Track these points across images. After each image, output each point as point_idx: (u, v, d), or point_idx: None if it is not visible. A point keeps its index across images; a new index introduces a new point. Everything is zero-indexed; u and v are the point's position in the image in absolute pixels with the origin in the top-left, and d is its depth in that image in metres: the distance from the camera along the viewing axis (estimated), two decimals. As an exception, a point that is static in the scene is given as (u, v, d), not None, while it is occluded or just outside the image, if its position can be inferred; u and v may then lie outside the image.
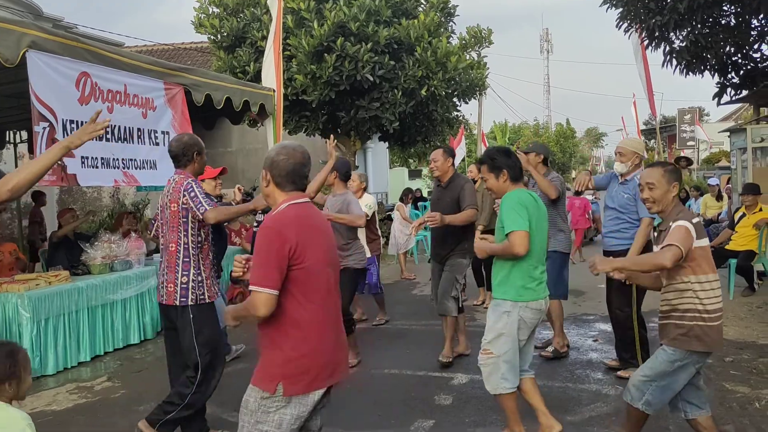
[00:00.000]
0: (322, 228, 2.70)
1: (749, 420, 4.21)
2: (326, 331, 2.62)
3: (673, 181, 3.44)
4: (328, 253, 2.68)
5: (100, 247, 6.64)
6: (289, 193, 2.65)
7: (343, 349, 2.77)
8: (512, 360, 3.80)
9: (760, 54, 9.48)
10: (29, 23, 5.29)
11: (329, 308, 2.65)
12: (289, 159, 2.64)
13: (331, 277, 2.68)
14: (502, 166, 3.91)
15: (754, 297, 7.97)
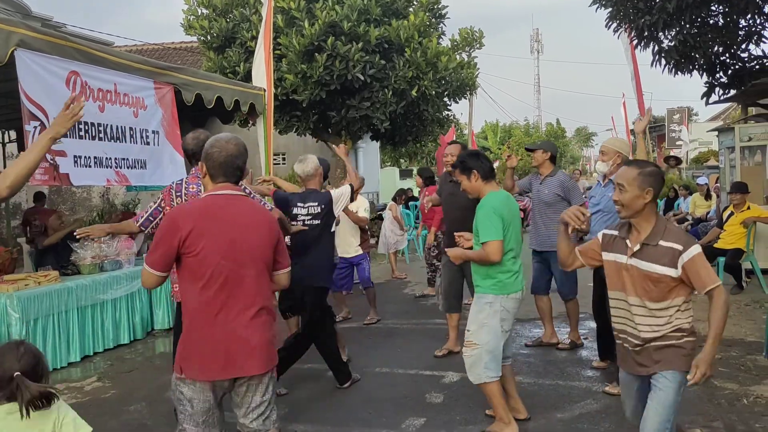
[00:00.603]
0: (231, 221, 2.70)
1: (737, 416, 4.24)
2: (216, 322, 2.64)
3: (647, 186, 2.90)
4: (229, 246, 2.66)
5: (89, 247, 6.61)
6: (218, 184, 2.77)
7: (245, 345, 2.68)
8: (495, 350, 3.93)
9: (747, 54, 9.57)
10: (17, 22, 5.26)
11: (225, 300, 2.65)
12: (221, 152, 2.75)
13: (230, 270, 2.65)
14: (472, 167, 4.14)
15: (743, 295, 8.03)
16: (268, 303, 2.80)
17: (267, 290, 2.82)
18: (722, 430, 4.05)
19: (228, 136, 2.83)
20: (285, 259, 2.94)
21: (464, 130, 33.11)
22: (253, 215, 2.79)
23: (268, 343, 2.78)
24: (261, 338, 2.73)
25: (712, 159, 21.82)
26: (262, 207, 3.00)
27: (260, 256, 2.75)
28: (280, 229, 2.91)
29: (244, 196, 2.83)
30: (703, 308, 7.60)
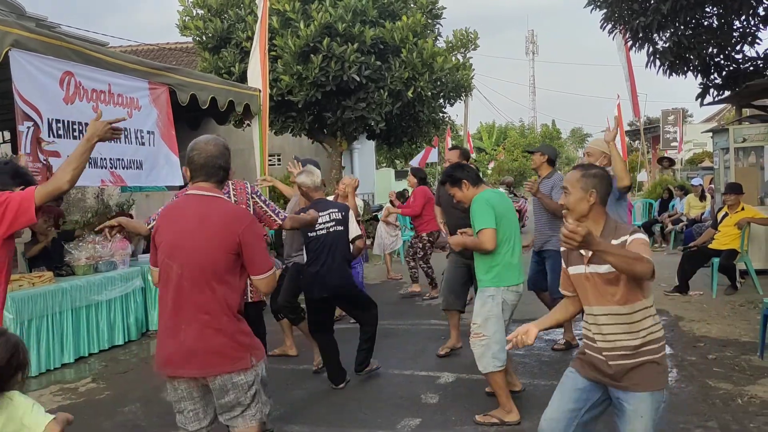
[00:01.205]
0: (180, 220, 2.74)
1: (732, 416, 4.25)
2: (166, 320, 2.74)
3: (590, 188, 2.78)
4: (171, 245, 2.71)
5: (84, 248, 6.59)
6: (196, 184, 2.80)
7: (176, 346, 2.69)
8: (501, 340, 4.12)
9: (741, 55, 9.61)
10: (12, 22, 5.25)
11: (170, 301, 2.70)
12: (201, 153, 2.78)
13: (173, 272, 2.68)
14: (461, 177, 4.43)
15: (737, 295, 8.05)
16: (212, 309, 2.67)
17: (213, 296, 2.67)
18: (717, 429, 4.06)
19: (207, 138, 2.84)
20: (258, 263, 2.75)
21: (460, 131, 33.14)
22: (210, 215, 2.70)
23: (204, 350, 2.67)
24: (193, 344, 2.67)
25: (706, 160, 21.88)
26: (231, 208, 2.82)
27: (206, 259, 2.66)
28: (252, 233, 2.73)
29: (216, 197, 2.78)
30: (699, 309, 7.61)
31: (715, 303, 7.72)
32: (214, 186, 2.79)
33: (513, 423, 4.17)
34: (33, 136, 5.22)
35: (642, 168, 24.96)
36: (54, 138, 5.45)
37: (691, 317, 7.06)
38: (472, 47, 13.76)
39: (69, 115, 5.62)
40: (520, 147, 45.97)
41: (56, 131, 5.48)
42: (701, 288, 8.34)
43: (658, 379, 2.74)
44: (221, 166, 2.79)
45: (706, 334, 6.36)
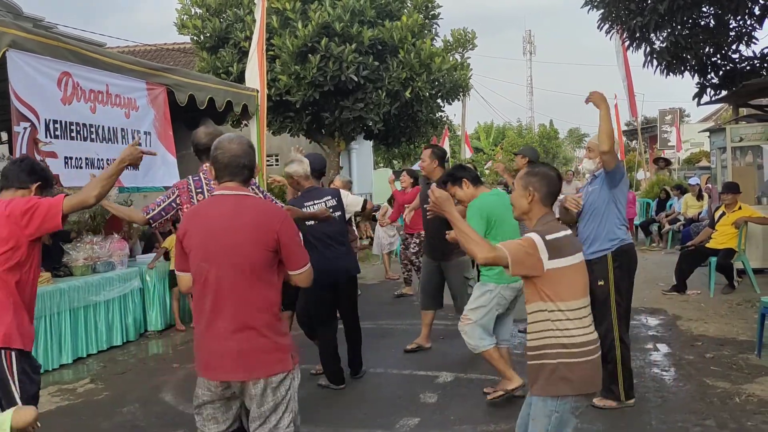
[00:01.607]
0: (213, 219, 2.66)
1: (729, 414, 4.26)
2: (207, 324, 2.65)
3: (528, 186, 2.86)
4: (204, 245, 2.63)
5: (82, 249, 6.58)
6: (223, 184, 2.74)
7: (223, 350, 2.61)
8: (486, 324, 4.48)
9: (738, 55, 9.63)
10: (9, 22, 5.25)
11: (209, 304, 2.63)
12: (225, 153, 2.72)
13: (211, 274, 2.61)
14: (461, 176, 4.59)
15: (734, 294, 8.07)
16: (255, 310, 2.63)
17: (254, 296, 2.63)
18: (715, 428, 4.07)
19: (231, 136, 2.79)
20: (296, 259, 2.75)
21: (457, 131, 33.16)
22: (243, 213, 2.65)
23: (251, 351, 2.62)
24: (239, 346, 2.61)
25: (703, 160, 21.92)
26: (263, 205, 2.82)
27: (244, 258, 2.60)
28: (288, 229, 2.71)
29: (245, 195, 2.72)
30: (697, 308, 7.62)
31: (712, 302, 7.74)
32: (240, 185, 2.73)
33: (518, 387, 4.40)
34: (30, 136, 5.21)
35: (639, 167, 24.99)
36: (51, 139, 5.44)
37: (688, 316, 7.08)
38: (470, 47, 13.78)
39: (66, 116, 5.62)
40: (518, 147, 46.07)
41: (53, 132, 5.48)
42: (699, 287, 8.36)
43: (550, 385, 2.72)
44: (245, 165, 2.72)
45: (704, 333, 6.38)
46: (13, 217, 2.98)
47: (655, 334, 6.47)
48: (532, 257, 2.68)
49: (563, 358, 2.70)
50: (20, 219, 2.97)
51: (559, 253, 2.72)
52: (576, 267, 2.78)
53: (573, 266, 2.76)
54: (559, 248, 2.73)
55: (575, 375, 2.70)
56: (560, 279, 2.71)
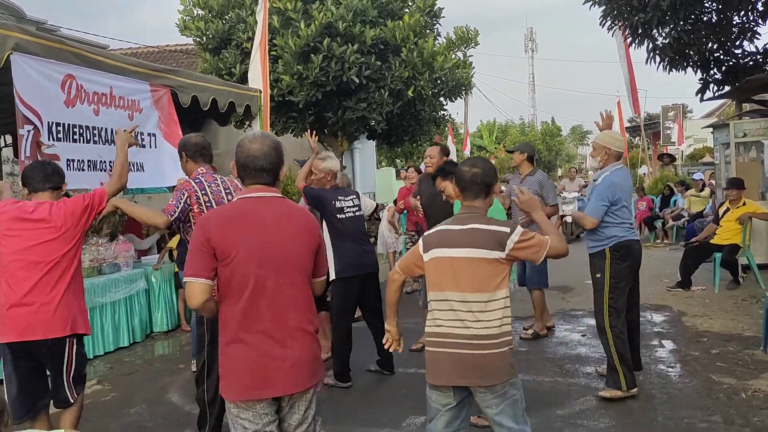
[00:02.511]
0: (261, 225, 2.50)
1: (735, 410, 4.27)
2: (250, 337, 2.46)
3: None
4: (259, 252, 2.47)
5: (88, 250, 6.61)
6: (248, 186, 2.59)
7: (283, 362, 2.47)
8: None
9: (741, 50, 9.61)
10: (12, 26, 5.26)
11: (261, 313, 2.47)
12: (242, 152, 2.57)
13: (264, 279, 2.47)
14: (452, 172, 4.09)
15: (739, 290, 8.06)
16: (310, 315, 2.60)
17: (307, 300, 2.59)
18: (721, 424, 4.07)
19: (253, 135, 2.64)
20: (322, 265, 2.73)
21: (460, 129, 33.14)
22: (289, 218, 2.57)
23: (310, 358, 2.56)
24: (301, 354, 2.52)
25: (707, 155, 21.87)
26: (300, 209, 2.76)
27: (297, 262, 2.55)
28: (321, 234, 2.73)
29: (279, 197, 2.61)
30: (702, 304, 7.63)
31: (717, 298, 7.73)
32: (267, 187, 2.59)
33: None
34: (33, 139, 5.23)
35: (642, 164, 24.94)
36: (53, 141, 5.46)
37: (693, 312, 7.07)
38: (473, 45, 13.77)
39: (69, 119, 5.63)
40: (521, 145, 45.90)
41: (56, 134, 5.49)
42: (704, 283, 8.35)
43: None
44: (264, 168, 2.54)
45: (709, 329, 6.38)
46: (77, 215, 3.57)
47: (660, 330, 6.47)
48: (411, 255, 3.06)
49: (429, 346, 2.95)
50: (82, 216, 3.60)
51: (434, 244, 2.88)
52: (439, 259, 2.86)
53: (438, 259, 2.85)
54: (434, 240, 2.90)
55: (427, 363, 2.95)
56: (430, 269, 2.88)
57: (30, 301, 3.39)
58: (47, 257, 3.45)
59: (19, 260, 3.43)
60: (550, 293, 8.45)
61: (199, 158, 4.19)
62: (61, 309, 3.45)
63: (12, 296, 3.40)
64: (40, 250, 3.44)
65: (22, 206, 3.55)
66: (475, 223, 2.85)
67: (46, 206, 3.56)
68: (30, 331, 3.38)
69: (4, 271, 3.45)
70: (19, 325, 3.38)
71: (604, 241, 4.60)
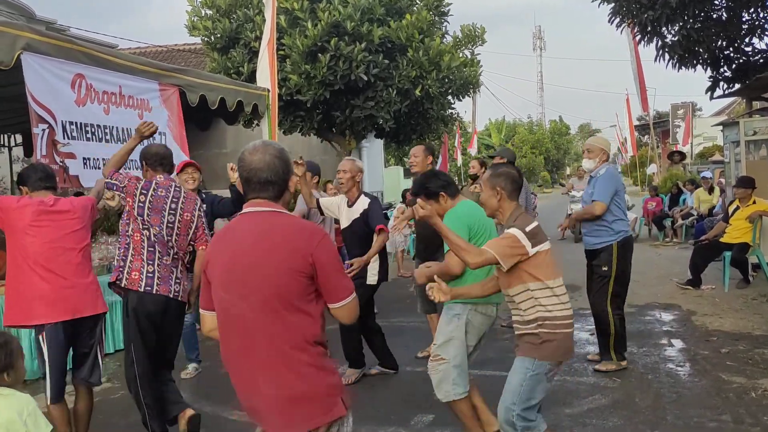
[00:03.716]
0: (235, 244, 2.24)
1: (746, 409, 4.25)
2: (234, 369, 2.27)
3: (496, 186, 3.27)
4: (232, 276, 2.20)
5: (96, 249, 6.64)
6: (250, 201, 2.31)
7: (268, 396, 2.19)
8: (461, 364, 3.77)
9: (751, 48, 9.56)
10: (23, 25, 5.29)
11: (237, 344, 2.22)
12: (244, 166, 2.30)
13: (234, 307, 2.19)
14: (437, 190, 3.91)
15: (749, 289, 8.02)
16: (296, 348, 2.18)
17: (292, 331, 2.17)
18: (731, 423, 4.05)
19: (255, 145, 2.33)
20: (337, 288, 2.26)
21: (468, 128, 33.11)
22: (272, 233, 2.22)
23: (301, 397, 2.18)
24: (287, 393, 2.17)
25: (717, 154, 21.76)
26: (297, 222, 2.34)
27: (269, 285, 2.16)
28: (327, 251, 2.24)
29: (276, 212, 2.28)
30: (712, 303, 7.59)
31: (727, 297, 7.69)
32: (270, 201, 2.28)
33: None
34: (48, 138, 5.26)
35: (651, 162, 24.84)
36: (68, 140, 5.49)
37: (703, 311, 7.04)
38: (480, 43, 13.75)
39: (81, 117, 5.66)
40: (529, 143, 45.90)
41: (70, 133, 5.53)
42: (713, 282, 8.32)
43: (534, 349, 3.18)
44: (268, 180, 2.26)
45: (719, 328, 6.35)
46: (89, 209, 4.06)
47: (669, 329, 6.44)
48: (516, 249, 3.12)
49: (546, 328, 3.16)
50: (92, 211, 4.11)
51: (538, 240, 3.16)
52: (549, 252, 3.23)
53: (548, 251, 3.22)
54: (536, 235, 3.16)
55: (553, 343, 3.16)
56: (542, 261, 3.17)
57: (75, 283, 3.84)
58: (79, 244, 3.92)
59: (56, 248, 3.81)
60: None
61: (159, 167, 4.23)
62: (97, 288, 4.01)
63: (58, 280, 3.77)
64: (73, 238, 3.89)
65: (43, 201, 3.87)
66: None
67: (67, 200, 4.00)
68: (81, 308, 3.85)
69: (39, 258, 3.77)
70: (72, 305, 3.81)
71: (613, 236, 5.10)
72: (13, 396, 2.49)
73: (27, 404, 2.48)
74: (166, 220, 4.07)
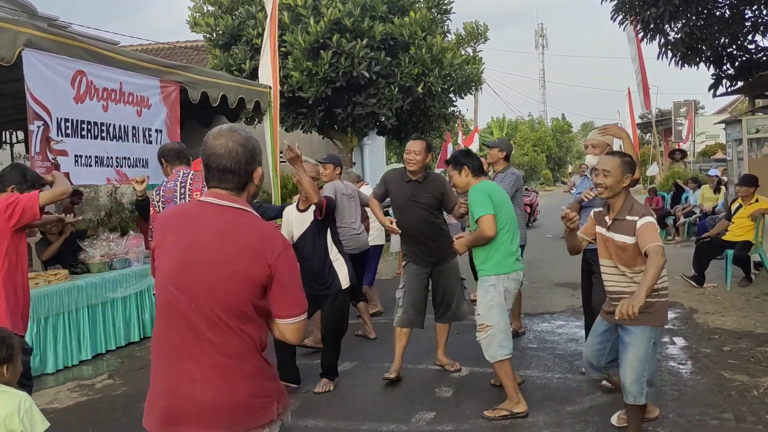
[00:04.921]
0: (189, 237, 2.07)
1: (748, 407, 4.24)
2: (169, 363, 2.08)
3: (626, 172, 3.60)
4: (185, 274, 2.03)
5: (99, 246, 6.64)
6: (210, 189, 2.15)
7: (206, 400, 2.02)
8: (506, 328, 4.26)
9: (754, 45, 9.53)
10: (24, 22, 5.29)
11: (177, 340, 2.05)
12: (205, 150, 2.13)
13: (181, 303, 2.03)
14: (464, 163, 4.47)
15: (751, 287, 8.00)
16: (242, 352, 2.05)
17: (238, 335, 2.03)
18: (732, 421, 4.05)
19: (221, 129, 2.16)
20: (290, 303, 2.10)
21: (470, 126, 33.08)
22: (233, 236, 2.05)
23: (237, 401, 2.04)
24: (223, 397, 2.03)
25: (719, 152, 21.72)
26: (260, 227, 2.13)
27: (225, 293, 2.01)
28: (288, 263, 2.09)
29: (238, 209, 2.10)
30: (714, 301, 7.57)
31: (729, 295, 7.68)
32: (233, 194, 2.11)
33: (522, 414, 4.19)
34: (42, 135, 5.27)
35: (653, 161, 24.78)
36: (62, 137, 5.50)
37: (705, 309, 7.03)
38: (482, 40, 13.75)
39: (78, 114, 5.66)
40: (531, 141, 45.89)
41: (64, 130, 5.53)
42: (715, 280, 8.30)
43: (648, 317, 3.46)
44: (229, 169, 2.08)
45: (721, 326, 6.34)
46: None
47: (671, 327, 6.43)
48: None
49: (662, 297, 3.52)
50: (3, 213, 3.48)
51: None
52: None
53: None
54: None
55: (663, 309, 3.57)
56: None
57: None
58: None
59: None
60: (561, 290, 8.44)
61: (176, 161, 4.53)
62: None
63: None
64: None
65: None
66: None
67: None
68: None
69: None
70: None
71: None
72: (11, 392, 2.49)
73: (23, 401, 2.48)
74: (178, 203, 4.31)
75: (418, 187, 5.03)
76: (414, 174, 5.04)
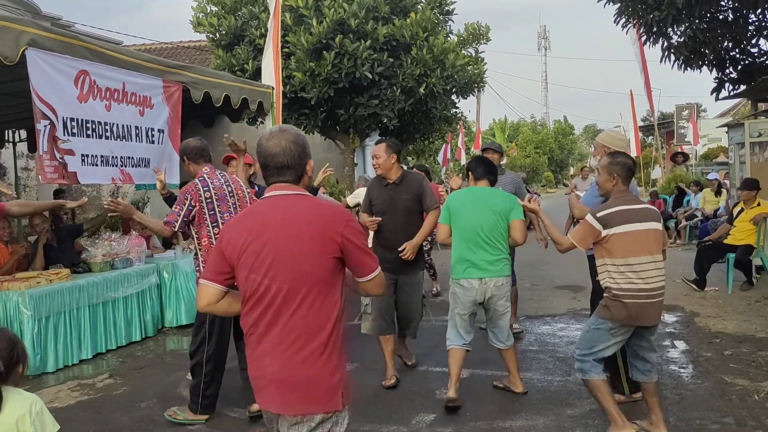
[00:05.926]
0: (264, 226, 2.27)
1: (748, 412, 4.23)
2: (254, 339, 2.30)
3: (613, 172, 3.79)
4: (258, 256, 2.24)
5: (100, 245, 6.65)
6: (272, 185, 2.37)
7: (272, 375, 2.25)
8: (454, 324, 4.60)
9: (757, 49, 9.52)
10: (28, 21, 5.30)
11: (261, 323, 2.27)
12: (261, 151, 2.35)
13: (266, 288, 2.23)
14: (468, 168, 4.77)
15: (753, 291, 7.99)
16: (327, 331, 2.25)
17: (318, 311, 2.24)
18: (733, 425, 4.04)
19: (272, 131, 2.40)
20: (365, 264, 2.35)
21: (472, 127, 33.08)
22: (300, 216, 2.27)
23: (307, 380, 2.23)
24: (297, 374, 2.23)
25: (721, 155, 21.69)
26: (323, 205, 2.40)
27: (305, 266, 2.22)
28: (354, 231, 2.31)
29: (300, 195, 2.34)
30: (715, 305, 7.57)
31: (730, 299, 7.67)
32: (291, 184, 2.34)
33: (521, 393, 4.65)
34: (49, 134, 5.28)
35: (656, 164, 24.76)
36: (68, 137, 5.51)
37: (706, 313, 7.02)
38: (484, 41, 13.76)
39: (82, 114, 5.67)
40: (533, 143, 45.86)
41: (71, 130, 5.54)
42: (717, 284, 8.29)
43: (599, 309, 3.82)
44: (286, 165, 2.31)
45: (722, 330, 6.33)
46: None
47: (672, 331, 6.42)
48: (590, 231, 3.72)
49: (609, 294, 3.71)
50: None
51: (613, 222, 3.67)
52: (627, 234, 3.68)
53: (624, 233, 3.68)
54: (611, 220, 3.68)
55: (613, 308, 3.69)
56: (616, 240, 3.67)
57: None
58: None
59: None
60: (561, 292, 8.44)
61: (200, 159, 4.52)
62: None
63: None
64: None
65: None
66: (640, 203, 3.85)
67: None
68: None
69: None
70: None
71: None
72: (22, 394, 2.49)
73: (35, 403, 2.48)
74: (230, 203, 4.42)
75: (396, 189, 5.05)
76: (388, 177, 5.06)
